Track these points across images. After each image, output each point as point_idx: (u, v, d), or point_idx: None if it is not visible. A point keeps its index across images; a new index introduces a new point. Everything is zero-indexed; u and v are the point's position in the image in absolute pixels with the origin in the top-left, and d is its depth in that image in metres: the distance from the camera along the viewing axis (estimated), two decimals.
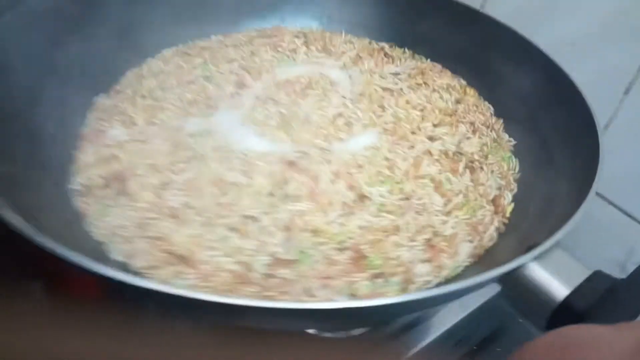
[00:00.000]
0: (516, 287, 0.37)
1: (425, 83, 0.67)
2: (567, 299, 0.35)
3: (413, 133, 0.57)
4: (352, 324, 0.48)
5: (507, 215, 0.52)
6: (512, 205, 0.53)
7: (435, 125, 0.59)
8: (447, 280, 0.45)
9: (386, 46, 0.75)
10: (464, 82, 0.70)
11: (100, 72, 0.63)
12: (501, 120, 0.64)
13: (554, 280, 0.36)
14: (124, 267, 0.44)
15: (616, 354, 0.25)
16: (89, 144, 0.55)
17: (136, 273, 0.43)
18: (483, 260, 0.47)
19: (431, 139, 0.57)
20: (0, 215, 0.35)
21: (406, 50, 0.75)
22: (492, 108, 0.66)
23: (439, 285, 0.45)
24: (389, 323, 0.52)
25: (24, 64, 0.53)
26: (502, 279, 0.37)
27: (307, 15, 0.78)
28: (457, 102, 0.65)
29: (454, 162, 0.55)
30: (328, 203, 0.48)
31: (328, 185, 0.49)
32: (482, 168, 0.56)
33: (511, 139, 0.61)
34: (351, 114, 0.59)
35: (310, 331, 0.48)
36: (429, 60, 0.73)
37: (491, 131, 0.62)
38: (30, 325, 0.30)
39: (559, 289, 0.36)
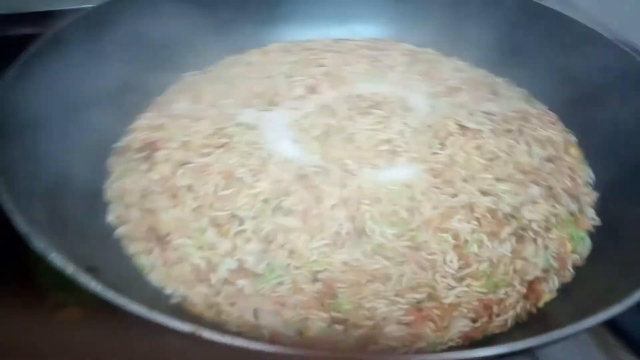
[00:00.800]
0: None
1: (519, 130, 0.57)
2: None
3: (464, 181, 0.49)
4: None
5: (540, 305, 0.42)
6: (554, 295, 0.43)
7: (498, 179, 0.50)
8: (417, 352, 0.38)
9: (501, 82, 0.66)
10: (573, 140, 0.59)
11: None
12: (596, 194, 0.52)
13: None
14: (111, 232, 0.45)
15: None
16: (154, 110, 0.58)
17: (116, 240, 0.44)
18: (476, 346, 0.38)
19: (484, 193, 0.48)
20: None
21: (524, 91, 0.65)
22: (593, 177, 0.54)
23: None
24: None
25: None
26: None
27: (423, 32, 0.73)
28: (549, 160, 0.54)
29: (499, 224, 0.46)
30: (318, 227, 0.43)
31: (327, 209, 0.44)
32: (535, 241, 0.46)
33: (597, 218, 0.50)
34: (402, 143, 0.52)
35: None
36: (543, 107, 0.63)
37: (574, 202, 0.50)
38: None
39: None
